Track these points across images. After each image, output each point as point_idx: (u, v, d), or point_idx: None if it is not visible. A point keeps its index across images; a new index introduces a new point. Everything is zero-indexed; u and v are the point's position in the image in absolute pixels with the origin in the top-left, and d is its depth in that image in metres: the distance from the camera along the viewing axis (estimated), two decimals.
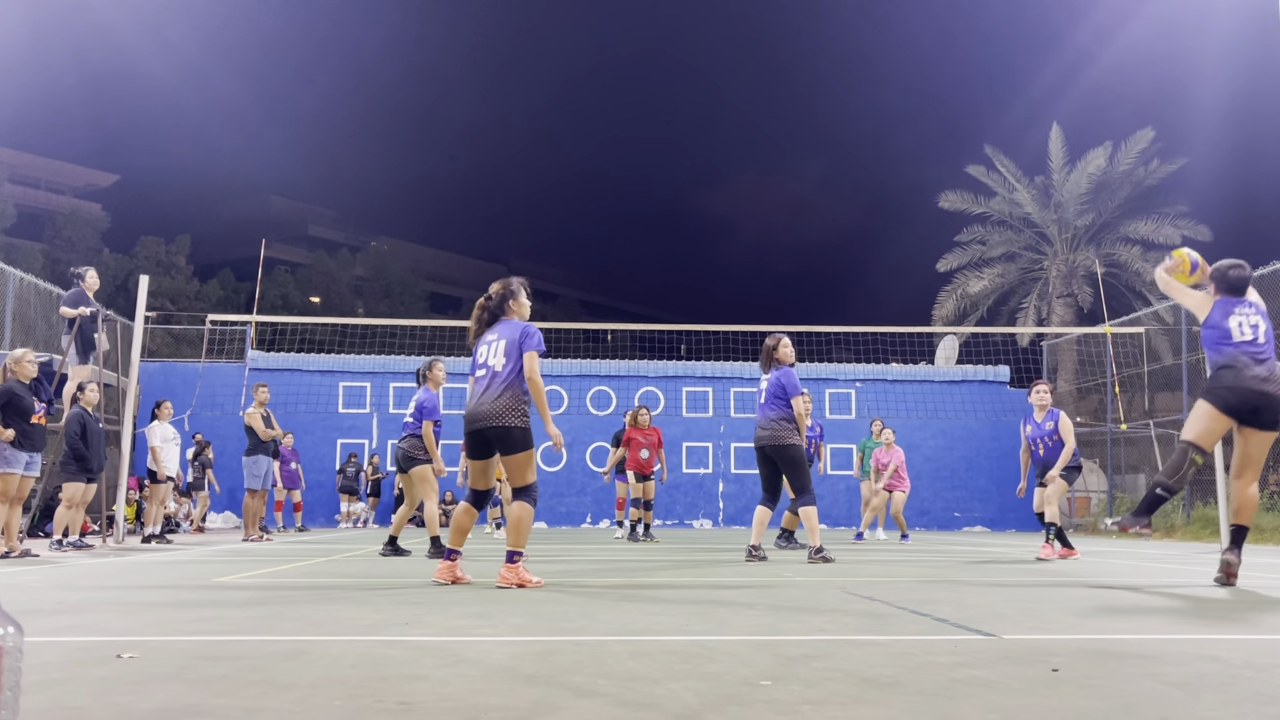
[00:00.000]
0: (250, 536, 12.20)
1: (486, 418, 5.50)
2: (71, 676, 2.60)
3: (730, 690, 2.45)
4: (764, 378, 8.41)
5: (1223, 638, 3.58)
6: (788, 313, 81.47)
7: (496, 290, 5.86)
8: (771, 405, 8.15)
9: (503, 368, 5.53)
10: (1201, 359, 13.16)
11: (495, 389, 5.51)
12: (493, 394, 5.51)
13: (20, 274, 15.75)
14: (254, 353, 21.05)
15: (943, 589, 5.58)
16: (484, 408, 5.53)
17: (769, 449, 8.11)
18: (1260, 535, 14.38)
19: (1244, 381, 5.92)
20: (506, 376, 5.51)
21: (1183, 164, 27.57)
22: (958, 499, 21.91)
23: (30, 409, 8.67)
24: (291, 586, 5.54)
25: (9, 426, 8.53)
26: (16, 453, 8.57)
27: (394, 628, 3.64)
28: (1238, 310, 6.21)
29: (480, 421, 5.53)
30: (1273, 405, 5.93)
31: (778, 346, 8.41)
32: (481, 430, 5.54)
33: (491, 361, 5.58)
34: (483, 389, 5.58)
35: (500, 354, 5.56)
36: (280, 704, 2.27)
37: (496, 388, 5.52)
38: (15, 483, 8.64)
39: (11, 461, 8.56)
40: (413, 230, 75.65)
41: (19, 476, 8.69)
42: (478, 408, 5.56)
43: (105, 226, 46.61)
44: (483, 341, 5.73)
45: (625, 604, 4.54)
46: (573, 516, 21.08)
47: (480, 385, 5.61)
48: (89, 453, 10.02)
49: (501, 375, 5.52)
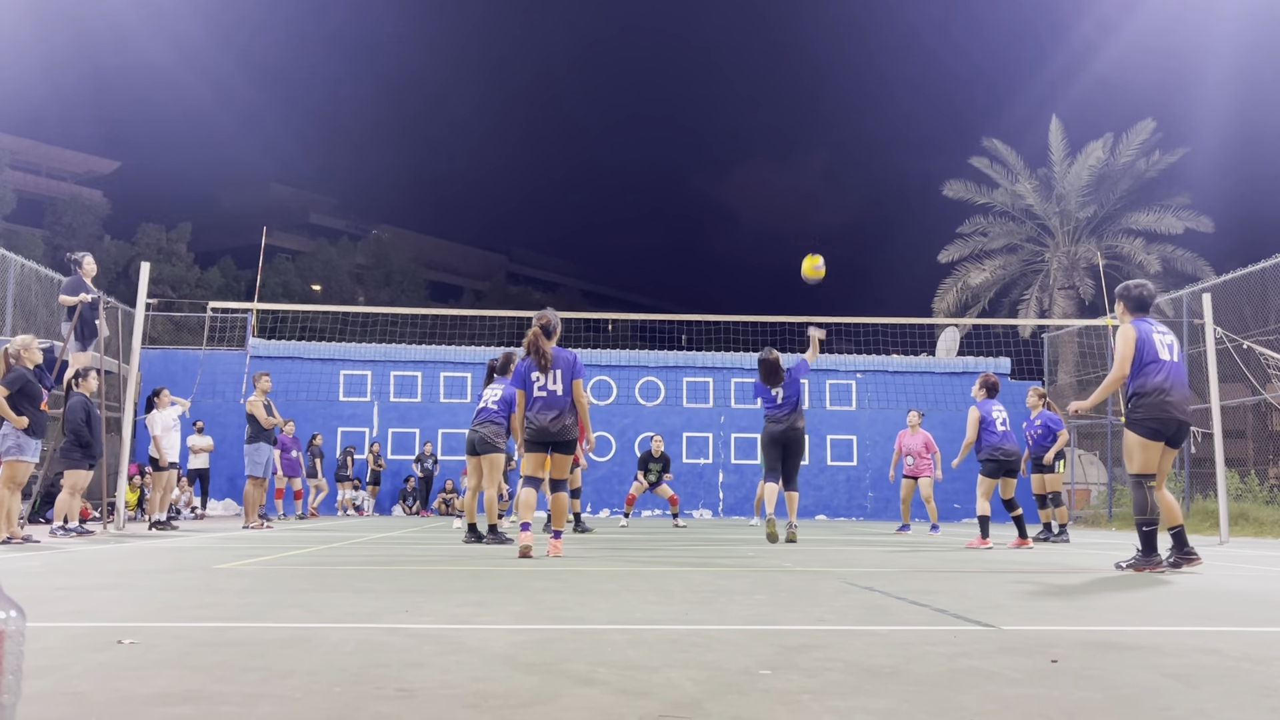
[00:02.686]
0: (250, 524, 12.22)
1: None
2: (73, 662, 2.61)
3: (729, 679, 2.46)
4: (777, 389, 9.49)
5: (1222, 630, 3.59)
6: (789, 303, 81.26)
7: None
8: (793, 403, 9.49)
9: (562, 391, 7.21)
10: (1202, 352, 13.15)
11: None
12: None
13: (21, 260, 15.75)
14: (255, 340, 21.04)
15: (942, 579, 5.59)
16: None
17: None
18: (1261, 528, 14.40)
19: (1169, 411, 6.13)
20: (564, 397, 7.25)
21: (1184, 155, 27.52)
22: (958, 490, 21.90)
23: (39, 395, 8.66)
24: (291, 573, 5.55)
25: (21, 413, 8.51)
26: (29, 440, 8.54)
27: (394, 615, 3.65)
28: (1155, 327, 6.36)
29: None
30: (1186, 428, 6.27)
31: (772, 355, 9.59)
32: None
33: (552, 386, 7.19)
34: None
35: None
36: (280, 690, 2.27)
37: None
38: (27, 470, 8.63)
39: (25, 449, 8.54)
40: (414, 219, 75.72)
41: (31, 465, 8.69)
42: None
43: (106, 213, 46.62)
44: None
45: (624, 593, 4.55)
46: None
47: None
48: (92, 439, 10.03)
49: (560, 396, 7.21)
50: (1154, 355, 6.20)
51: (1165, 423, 6.14)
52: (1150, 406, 6.15)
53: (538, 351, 7.14)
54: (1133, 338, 6.27)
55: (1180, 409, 6.17)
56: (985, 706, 2.18)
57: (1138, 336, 6.27)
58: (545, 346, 7.18)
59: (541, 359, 7.13)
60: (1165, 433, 6.18)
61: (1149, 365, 6.19)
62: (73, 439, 9.95)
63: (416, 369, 21.34)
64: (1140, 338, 6.27)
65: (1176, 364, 6.25)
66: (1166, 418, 6.13)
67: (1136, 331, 6.29)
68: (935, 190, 29.55)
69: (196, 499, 17.25)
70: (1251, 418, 18.29)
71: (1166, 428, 6.16)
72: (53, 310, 15.47)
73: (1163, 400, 6.12)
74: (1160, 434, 6.17)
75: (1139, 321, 6.38)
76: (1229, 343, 13.95)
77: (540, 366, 7.12)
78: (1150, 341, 6.24)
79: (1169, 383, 6.15)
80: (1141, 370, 6.21)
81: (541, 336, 7.17)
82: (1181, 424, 6.18)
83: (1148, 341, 6.25)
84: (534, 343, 7.14)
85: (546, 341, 7.21)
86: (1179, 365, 6.26)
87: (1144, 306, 6.50)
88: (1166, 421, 6.14)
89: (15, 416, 8.45)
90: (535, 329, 7.21)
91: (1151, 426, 6.16)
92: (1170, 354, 6.25)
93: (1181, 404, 6.19)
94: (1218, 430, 12.46)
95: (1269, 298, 15.85)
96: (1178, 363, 6.26)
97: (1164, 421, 6.14)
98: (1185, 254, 26.15)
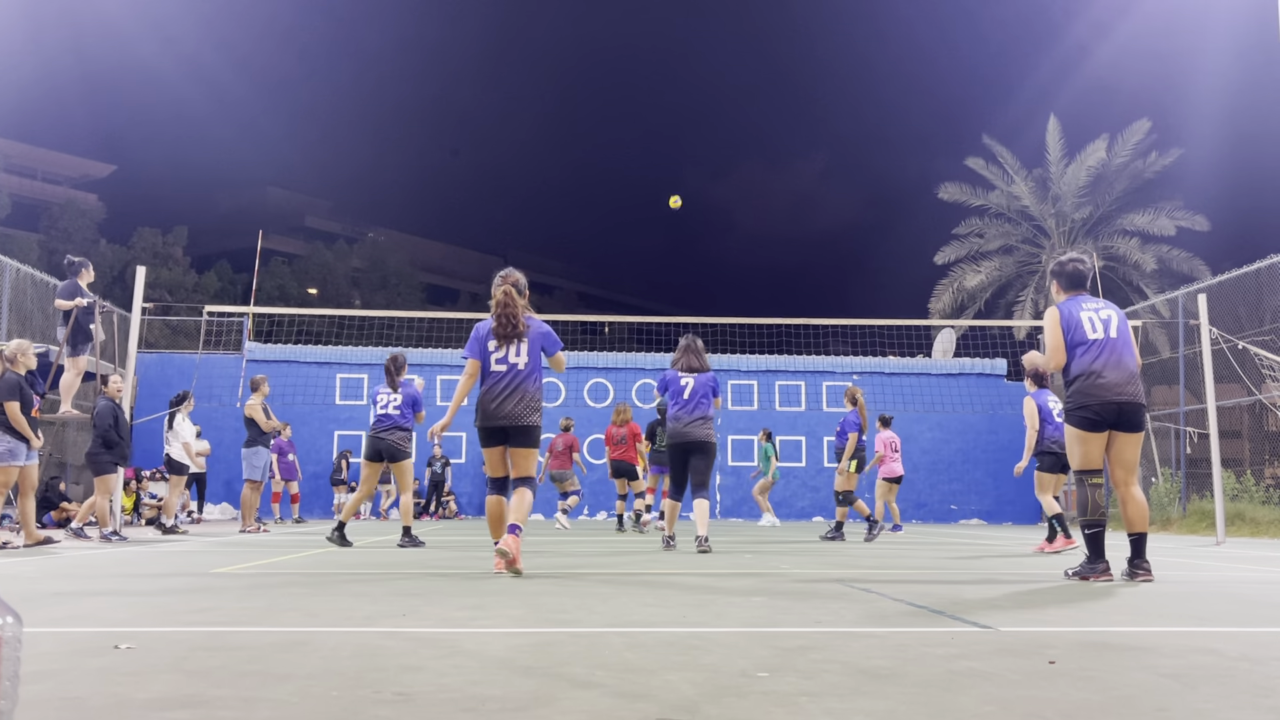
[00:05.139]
0: (247, 528, 12.21)
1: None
2: (70, 667, 2.60)
3: (727, 681, 2.46)
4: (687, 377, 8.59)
5: (1219, 630, 3.59)
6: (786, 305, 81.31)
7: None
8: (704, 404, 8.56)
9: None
10: (1198, 352, 13.17)
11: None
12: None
13: (16, 265, 15.69)
14: (251, 344, 21.02)
15: (939, 581, 5.59)
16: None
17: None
18: (1257, 528, 14.42)
19: (1101, 394, 5.52)
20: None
21: (1180, 156, 27.57)
22: (954, 492, 21.95)
23: (31, 401, 8.69)
24: (289, 577, 5.54)
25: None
26: (18, 444, 8.58)
27: (391, 619, 3.64)
28: (1085, 305, 5.76)
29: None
30: (1137, 410, 5.60)
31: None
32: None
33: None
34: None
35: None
36: (278, 694, 2.27)
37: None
38: (14, 475, 8.64)
39: (15, 454, 8.59)
40: (410, 222, 75.66)
41: (18, 468, 8.70)
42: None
43: (102, 217, 46.48)
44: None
45: (622, 596, 4.55)
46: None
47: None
48: (120, 442, 10.28)
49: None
50: (1081, 337, 5.63)
51: (1101, 409, 5.52)
52: (1079, 393, 5.57)
53: (508, 316, 5.80)
54: (1056, 321, 5.72)
55: (1117, 389, 5.51)
56: (983, 708, 2.18)
57: (1061, 319, 5.71)
58: (518, 309, 5.85)
59: (512, 325, 5.78)
60: (1104, 419, 5.55)
61: (1077, 348, 5.62)
62: (101, 442, 10.08)
63: (413, 372, 21.21)
64: (1064, 319, 5.71)
65: (1113, 340, 5.62)
66: (1101, 403, 5.50)
67: (1060, 314, 5.73)
68: (931, 192, 29.61)
69: (193, 503, 17.23)
70: (1247, 418, 18.33)
71: (1104, 414, 5.53)
72: (48, 315, 15.43)
73: (1094, 383, 5.52)
74: (1098, 423, 5.56)
75: (1067, 302, 5.82)
76: (1224, 343, 13.99)
77: (506, 334, 5.78)
78: (1076, 322, 5.67)
79: (1099, 363, 5.55)
80: (1071, 354, 5.65)
81: (515, 295, 5.85)
82: (1123, 405, 5.52)
83: (1073, 322, 5.68)
84: (506, 304, 5.80)
85: (521, 301, 5.91)
86: (1117, 341, 5.63)
87: (1078, 283, 5.91)
88: (1103, 407, 5.51)
89: (32, 434, 8.55)
90: (506, 286, 5.86)
91: (1086, 416, 5.56)
92: (1104, 330, 5.63)
93: (1119, 384, 5.53)
94: (1214, 430, 12.48)
95: (1264, 298, 15.88)
96: (1115, 338, 5.63)
97: (1099, 408, 5.51)
98: (1181, 254, 26.20)
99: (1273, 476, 17.00)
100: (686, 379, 8.47)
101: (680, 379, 8.49)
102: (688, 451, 8.38)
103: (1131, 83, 51.55)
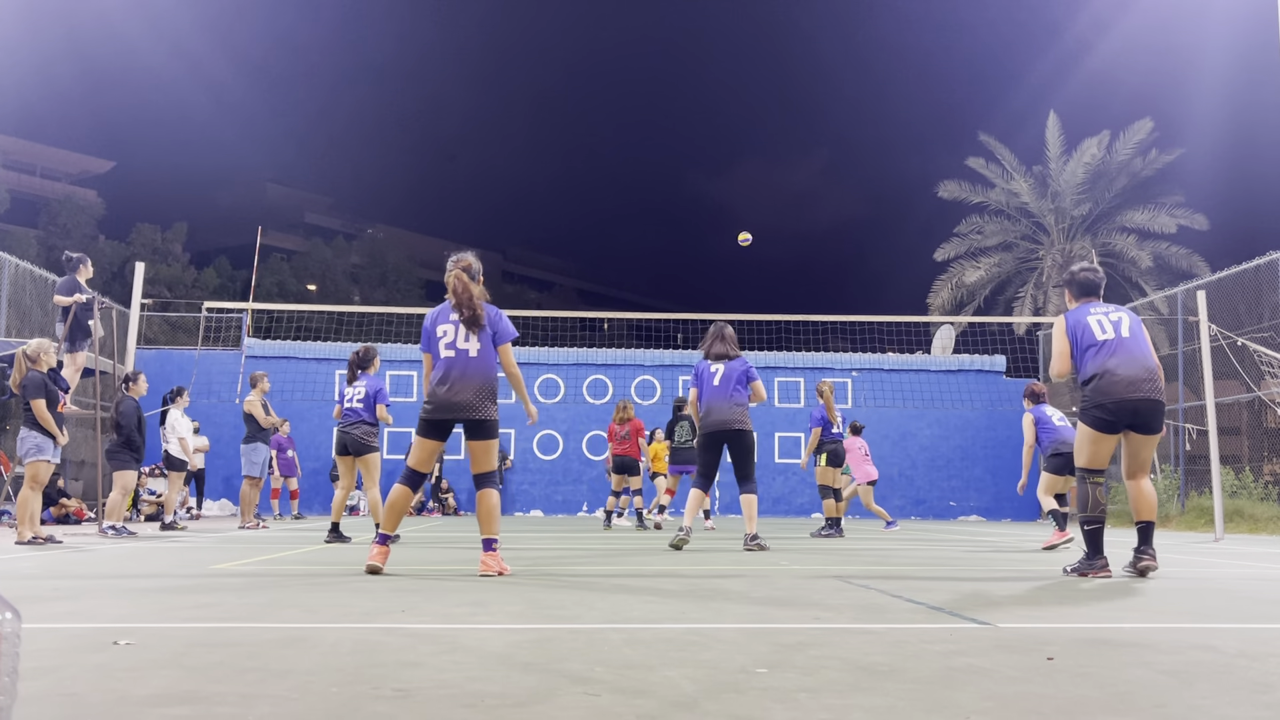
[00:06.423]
0: (247, 524, 12.21)
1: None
2: (68, 663, 2.60)
3: (727, 678, 2.46)
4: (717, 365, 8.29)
5: (1217, 626, 3.60)
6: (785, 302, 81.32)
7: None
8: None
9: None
10: (1197, 349, 13.18)
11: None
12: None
13: (15, 261, 15.69)
14: (250, 340, 21.02)
15: (938, 577, 5.59)
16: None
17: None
18: (1256, 525, 14.43)
19: (1116, 392, 5.47)
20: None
21: (1180, 154, 27.55)
22: (953, 488, 21.94)
23: (56, 398, 8.76)
24: (288, 574, 5.54)
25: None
26: (46, 440, 8.64)
27: (390, 615, 3.64)
28: (1094, 310, 5.80)
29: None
30: (1154, 409, 5.53)
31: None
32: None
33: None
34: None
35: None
36: (277, 691, 2.27)
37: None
38: (49, 470, 8.72)
39: (44, 449, 8.63)
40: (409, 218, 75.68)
41: (52, 464, 8.76)
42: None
43: (101, 213, 46.44)
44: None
45: (621, 592, 4.55)
46: (569, 505, 21.10)
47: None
48: (140, 441, 10.49)
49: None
50: (1091, 339, 5.63)
51: (1116, 408, 5.47)
52: (1094, 392, 5.53)
53: (465, 301, 5.45)
54: (1062, 329, 5.77)
55: (1132, 386, 5.45)
56: (982, 704, 2.19)
57: (1068, 327, 5.76)
58: (474, 294, 5.50)
59: (471, 311, 5.44)
60: (1120, 420, 5.51)
61: (1087, 351, 5.63)
62: (123, 441, 10.16)
63: (412, 368, 21.32)
64: (1070, 326, 5.75)
65: (1126, 339, 5.59)
66: (1116, 401, 5.45)
67: (1067, 321, 5.79)
68: (931, 189, 29.58)
69: (192, 499, 17.22)
70: (1246, 415, 18.33)
71: (1119, 414, 5.49)
72: (47, 310, 15.43)
73: (1108, 381, 5.48)
74: (1113, 424, 5.52)
75: (1074, 311, 5.86)
76: (1224, 340, 13.99)
77: (466, 320, 5.43)
78: (1084, 326, 5.69)
79: (1112, 360, 5.51)
80: (1082, 358, 5.67)
81: (467, 279, 5.49)
82: (1139, 404, 5.47)
83: (1080, 327, 5.70)
84: (461, 288, 5.45)
85: (475, 286, 5.54)
86: (1130, 340, 5.60)
87: (1090, 291, 5.96)
88: (1118, 406, 5.46)
89: (58, 430, 8.56)
90: (457, 271, 5.51)
91: (1100, 416, 5.52)
92: (1114, 331, 5.62)
93: (1135, 379, 5.47)
94: (1213, 427, 12.48)
95: (1263, 295, 15.89)
96: (1129, 338, 5.60)
97: (1114, 407, 5.47)
98: (1180, 251, 26.19)
99: (1271, 473, 17.01)
100: (717, 366, 8.24)
101: (710, 366, 8.28)
102: (721, 440, 8.10)
103: (1132, 80, 51.63)
